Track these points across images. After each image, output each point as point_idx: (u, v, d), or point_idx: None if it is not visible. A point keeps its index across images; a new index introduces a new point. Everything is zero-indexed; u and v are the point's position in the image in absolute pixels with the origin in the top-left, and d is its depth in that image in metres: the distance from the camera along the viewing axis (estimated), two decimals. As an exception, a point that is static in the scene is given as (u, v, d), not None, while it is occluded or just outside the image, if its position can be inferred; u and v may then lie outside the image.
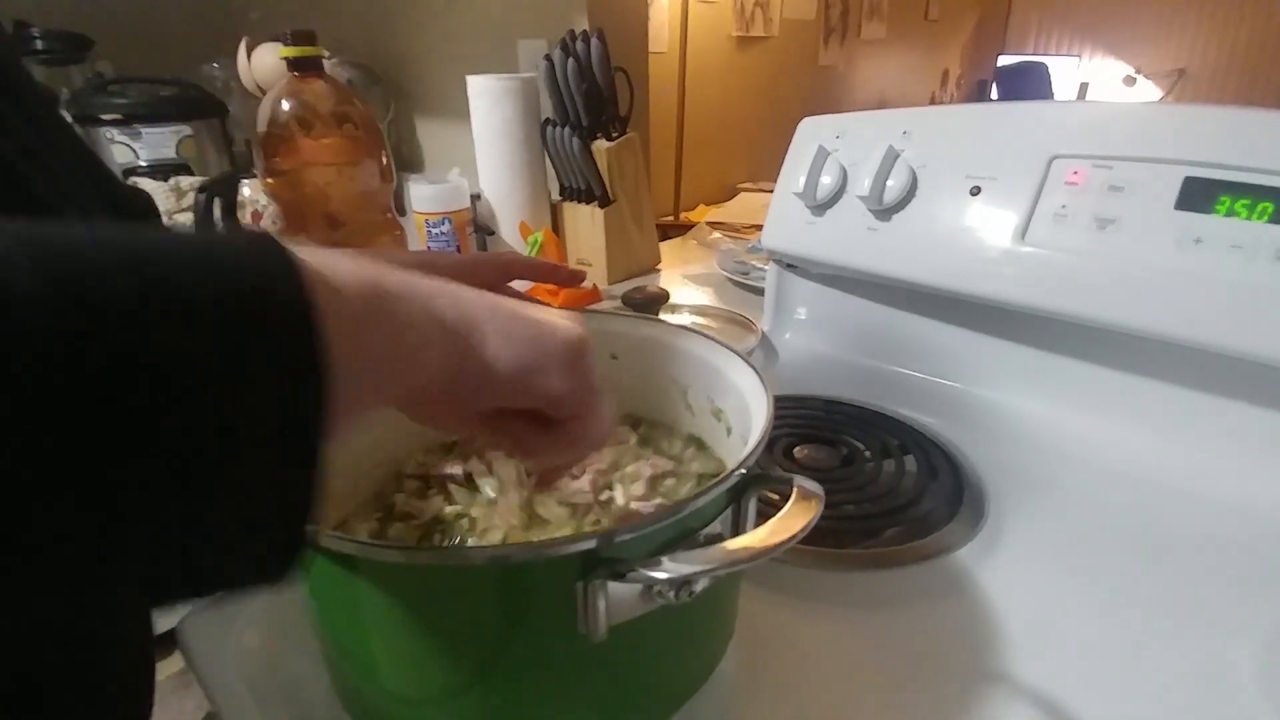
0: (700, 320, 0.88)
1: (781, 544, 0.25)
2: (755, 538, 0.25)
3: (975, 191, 0.62)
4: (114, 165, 1.34)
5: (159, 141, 1.36)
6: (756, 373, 0.38)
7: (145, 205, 0.56)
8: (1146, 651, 0.42)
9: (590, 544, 0.25)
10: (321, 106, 0.66)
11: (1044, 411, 0.65)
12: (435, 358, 0.24)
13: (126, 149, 1.35)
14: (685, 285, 1.08)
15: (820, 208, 0.71)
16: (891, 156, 0.66)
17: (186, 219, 0.89)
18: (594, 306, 0.96)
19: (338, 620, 0.31)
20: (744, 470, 0.29)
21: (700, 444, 0.47)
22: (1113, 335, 0.57)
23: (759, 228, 1.54)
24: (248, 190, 1.19)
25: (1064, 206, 0.58)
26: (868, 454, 0.59)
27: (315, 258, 0.19)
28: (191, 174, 1.32)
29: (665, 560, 0.25)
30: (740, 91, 2.46)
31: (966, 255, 0.62)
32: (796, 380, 0.75)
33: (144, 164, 1.34)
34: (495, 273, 0.50)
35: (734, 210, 1.68)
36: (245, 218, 1.32)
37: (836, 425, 0.64)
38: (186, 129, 1.37)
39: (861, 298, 0.77)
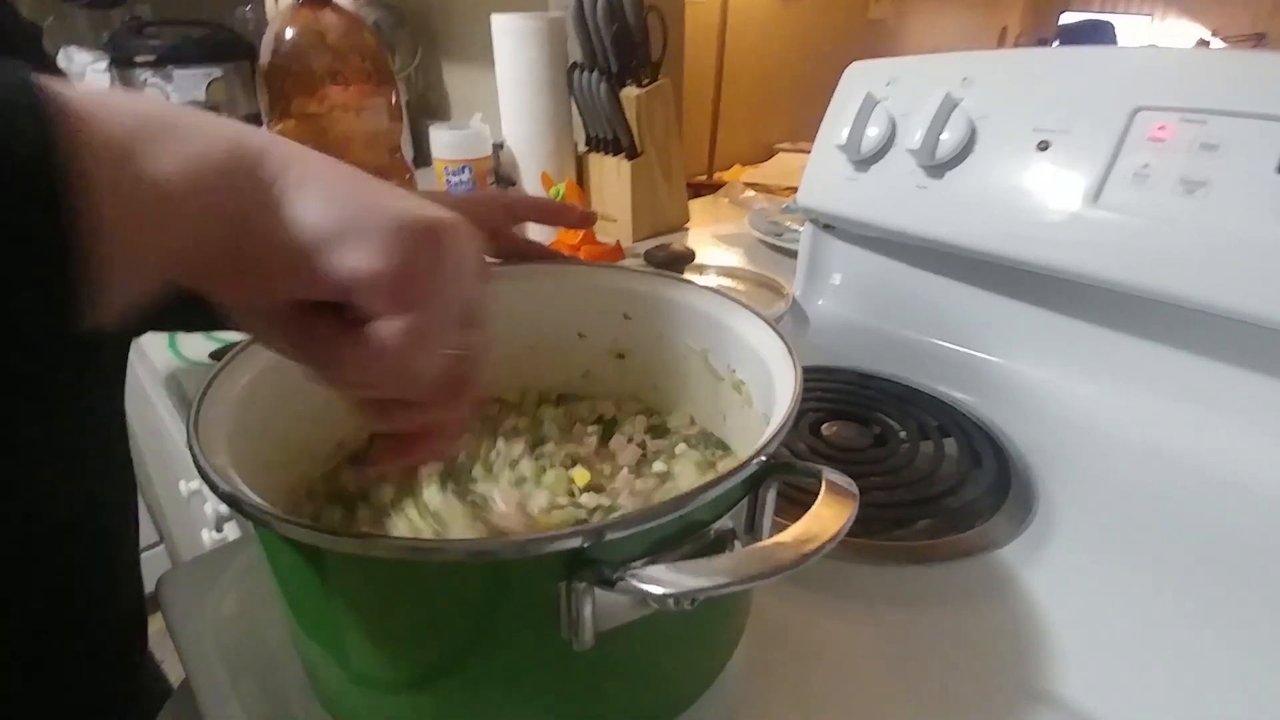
0: (727, 282, 0.83)
1: (807, 556, 0.20)
2: (773, 548, 0.20)
3: (1043, 147, 0.56)
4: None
5: (189, 84, 1.35)
6: (784, 342, 0.33)
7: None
8: (1211, 670, 0.37)
9: (574, 542, 0.21)
10: (330, 38, 0.62)
11: (1104, 396, 0.59)
12: (216, 204, 0.19)
13: (159, 91, 1.33)
14: (714, 245, 1.02)
15: (864, 162, 0.65)
16: (948, 106, 0.60)
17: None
18: (616, 264, 0.91)
19: (300, 605, 0.28)
20: (764, 457, 0.24)
21: (717, 417, 0.42)
22: (1186, 314, 0.50)
23: (795, 189, 1.47)
24: (268, 133, 1.16)
25: (1146, 166, 0.51)
26: (903, 434, 0.54)
27: (88, 94, 0.18)
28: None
29: (663, 570, 0.20)
30: (783, 45, 2.34)
31: (1029, 219, 0.55)
32: (828, 350, 0.69)
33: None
34: (499, 213, 0.45)
35: (771, 171, 1.61)
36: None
37: (869, 401, 0.58)
38: (217, 71, 1.36)
39: (904, 263, 0.71)
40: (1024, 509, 0.48)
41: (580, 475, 0.37)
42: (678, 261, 0.75)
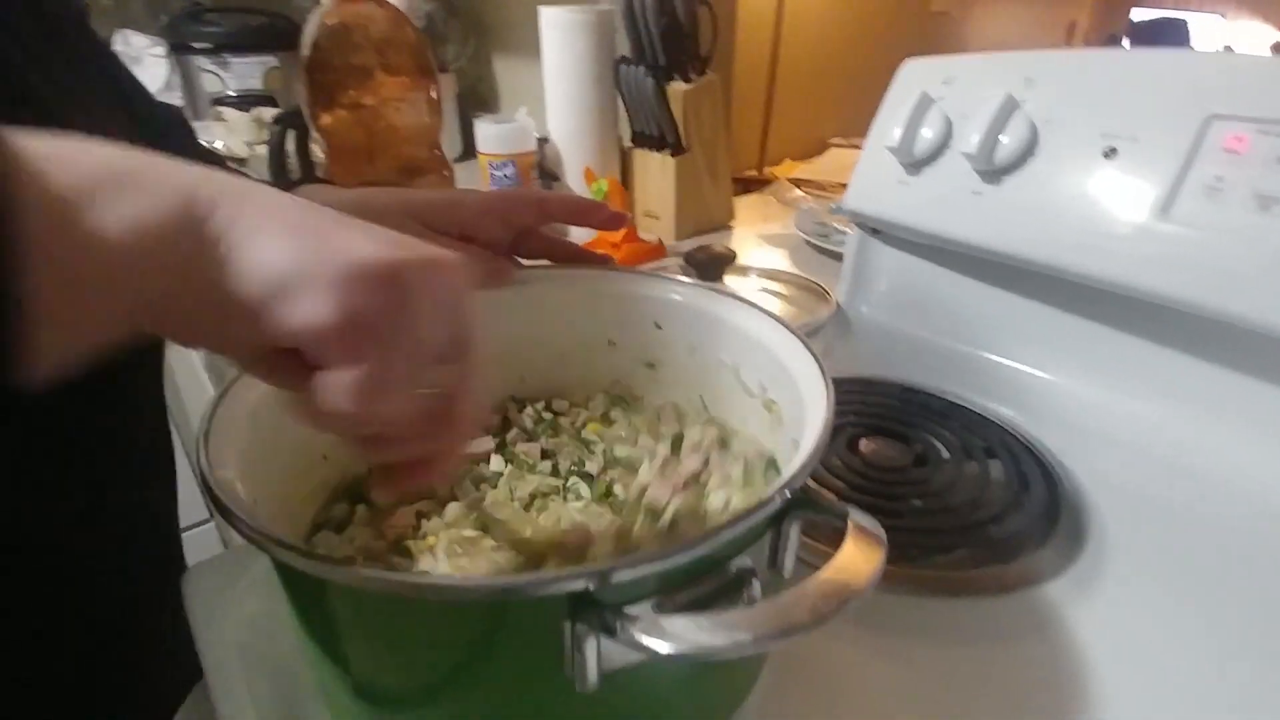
0: (769, 285, 0.81)
1: (827, 615, 0.18)
2: (792, 605, 0.19)
3: (1110, 154, 0.52)
4: (204, 95, 1.35)
5: (246, 72, 1.37)
6: (819, 364, 0.31)
7: (172, 118, 0.54)
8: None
9: (579, 584, 0.20)
10: (372, 33, 0.61)
11: (1166, 420, 0.55)
12: (163, 263, 0.19)
13: (215, 78, 1.35)
14: (758, 246, 1.00)
15: (916, 165, 0.62)
16: (1009, 108, 0.56)
17: (263, 150, 0.88)
18: (655, 264, 0.90)
19: (303, 621, 0.27)
20: (788, 493, 0.23)
21: (729, 434, 0.40)
22: (1257, 337, 0.47)
23: (847, 186, 1.43)
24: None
25: (1219, 178, 0.47)
26: (946, 454, 0.52)
27: (42, 146, 0.17)
28: (275, 105, 1.32)
29: (671, 623, 0.19)
30: (841, 36, 2.28)
31: (1092, 230, 0.52)
32: (870, 360, 0.67)
33: (231, 94, 1.35)
34: (529, 210, 0.44)
35: (823, 167, 1.57)
36: (318, 151, 1.32)
37: (911, 416, 0.56)
38: (273, 60, 1.37)
39: (954, 271, 0.67)
40: (1074, 541, 0.46)
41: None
42: (718, 263, 0.73)
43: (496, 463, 0.40)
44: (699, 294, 0.40)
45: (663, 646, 0.18)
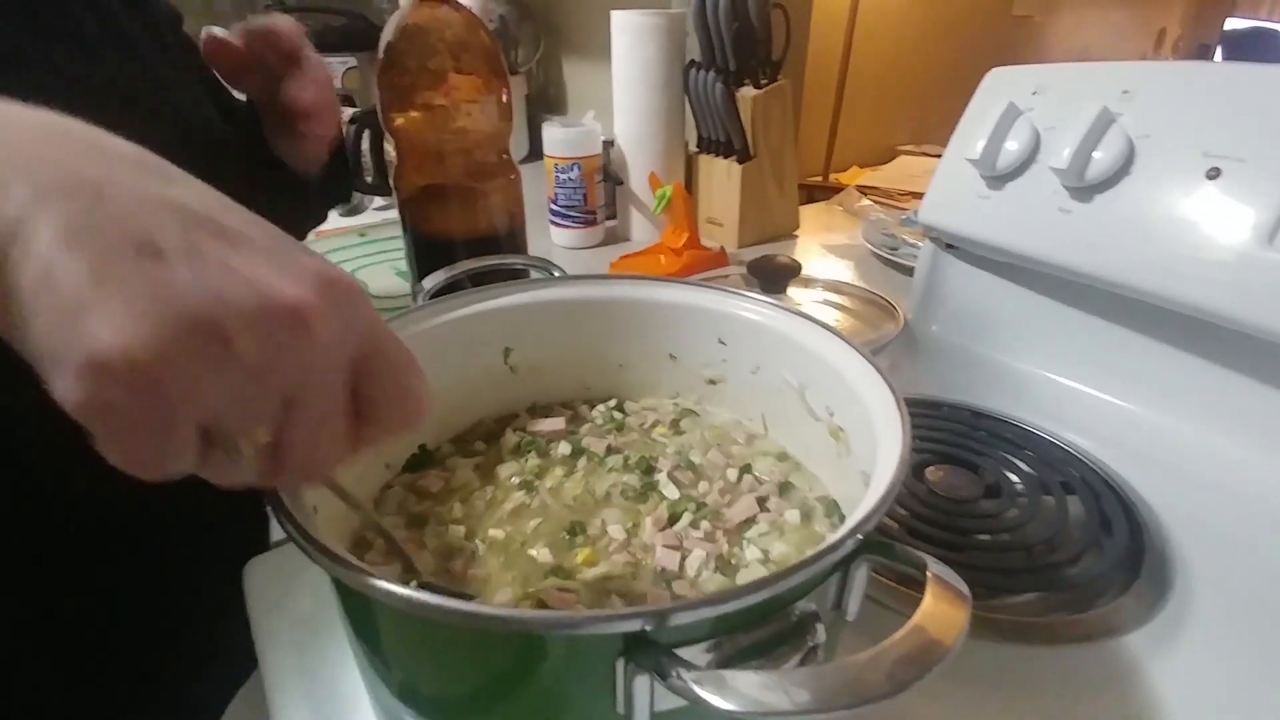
0: (833, 298, 0.78)
1: (909, 681, 0.17)
2: (867, 668, 0.17)
3: (1213, 174, 0.48)
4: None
5: (326, 71, 1.40)
6: (893, 392, 0.29)
7: (251, 113, 0.56)
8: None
9: (635, 625, 0.19)
10: (446, 37, 0.62)
11: (1259, 461, 0.51)
12: None
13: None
14: (823, 256, 0.97)
15: (999, 179, 0.59)
16: (1105, 121, 0.53)
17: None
18: (717, 272, 0.88)
19: (357, 632, 0.27)
20: (860, 537, 0.21)
21: (811, 462, 0.39)
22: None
23: (916, 196, 1.38)
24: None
25: (1340, 205, 0.43)
26: (1019, 486, 0.49)
27: None
28: (354, 105, 1.35)
29: (735, 677, 0.18)
30: (916, 40, 2.22)
31: (1190, 256, 0.48)
32: (938, 381, 0.64)
33: (311, 92, 1.38)
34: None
35: (890, 175, 1.53)
36: (392, 151, 1.35)
37: (983, 444, 0.53)
38: (352, 60, 1.40)
39: (1032, 290, 0.64)
40: (1158, 589, 0.42)
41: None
42: (783, 274, 0.71)
43: (564, 448, 0.40)
44: (766, 310, 0.39)
45: (721, 702, 0.17)
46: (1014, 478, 0.49)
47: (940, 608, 0.19)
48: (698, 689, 0.18)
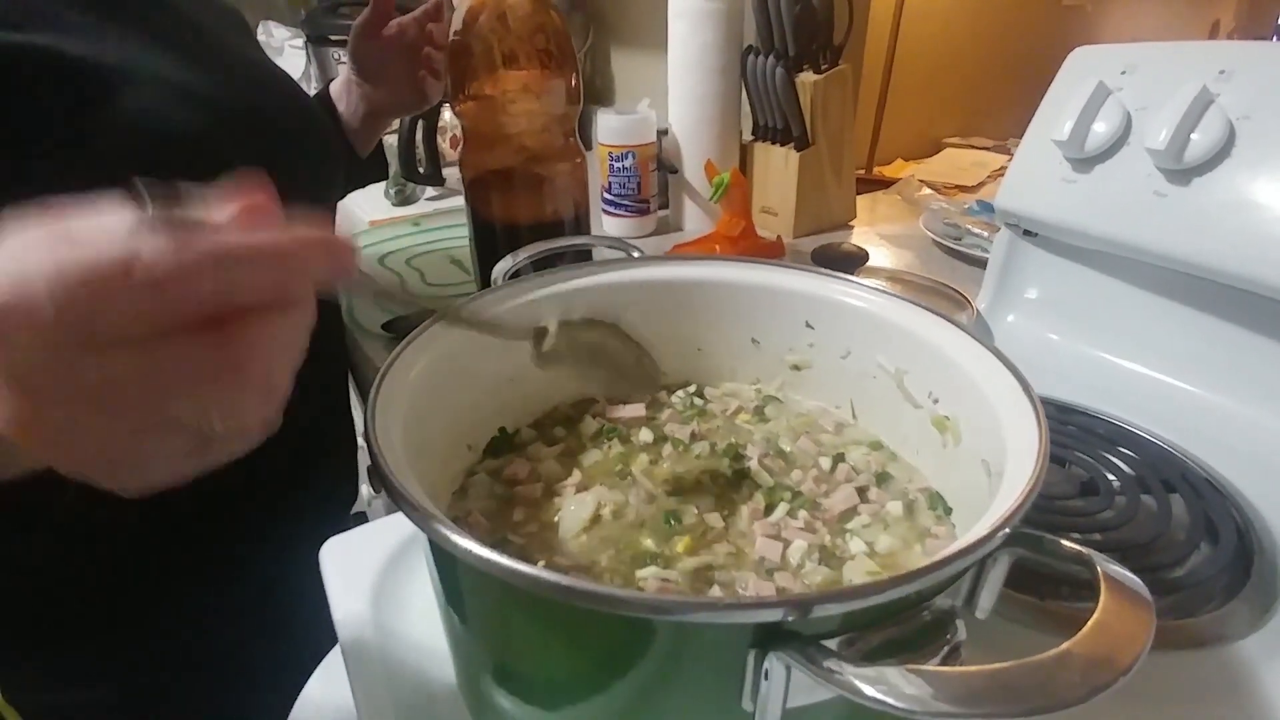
0: (897, 288, 0.76)
1: (1093, 692, 0.15)
2: (1051, 670, 0.16)
3: (1328, 155, 0.46)
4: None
5: (379, 63, 1.42)
6: (1018, 377, 0.27)
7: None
8: None
9: (774, 614, 0.18)
10: (515, 19, 0.61)
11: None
12: None
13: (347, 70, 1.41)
14: (881, 245, 0.95)
15: (1087, 162, 0.56)
16: (1203, 101, 0.50)
17: (392, 140, 0.90)
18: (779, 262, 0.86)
19: (459, 609, 0.27)
20: (1008, 529, 0.20)
21: (908, 450, 0.37)
22: None
23: (964, 189, 1.34)
24: (448, 115, 1.19)
25: None
26: (1116, 484, 0.46)
27: None
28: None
29: (897, 674, 0.16)
30: (963, 29, 2.15)
31: (1303, 242, 0.46)
32: (1017, 374, 0.61)
33: (365, 85, 1.40)
34: None
35: (937, 168, 1.48)
36: (444, 142, 1.35)
37: (1071, 440, 0.51)
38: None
39: (1119, 279, 0.61)
40: (1267, 595, 0.40)
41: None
42: (849, 262, 0.69)
43: (646, 434, 0.40)
44: (864, 293, 0.37)
45: (874, 689, 0.16)
46: (1110, 475, 0.47)
47: (1122, 608, 0.17)
48: (852, 678, 0.16)
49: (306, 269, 0.20)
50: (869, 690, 0.16)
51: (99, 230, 0.18)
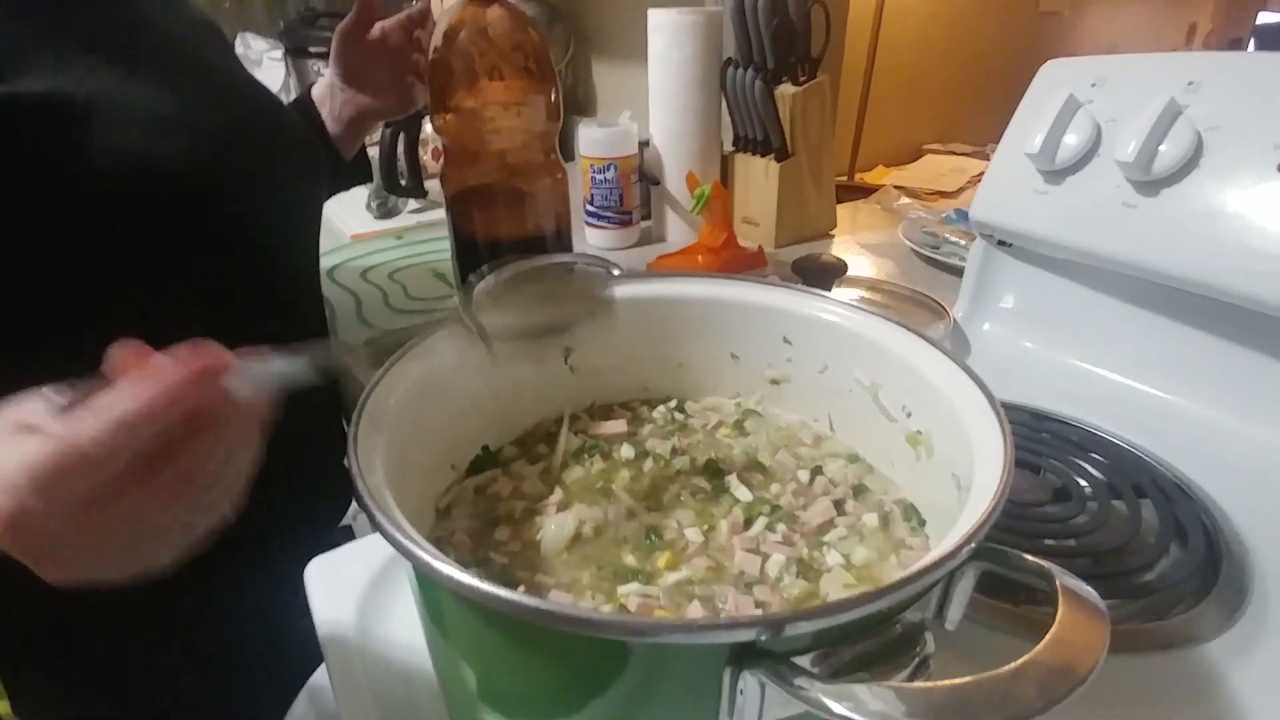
0: (875, 298, 0.77)
1: (1050, 702, 0.16)
2: (1007, 683, 0.17)
3: (1288, 167, 0.47)
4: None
5: (357, 75, 1.41)
6: (984, 392, 0.28)
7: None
8: None
9: (748, 634, 0.18)
10: (495, 36, 0.61)
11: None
12: None
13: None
14: (860, 254, 0.96)
15: (1058, 174, 0.58)
16: (1171, 113, 0.52)
17: (373, 152, 0.90)
18: (756, 273, 0.87)
19: (446, 636, 0.27)
20: (974, 544, 0.21)
21: (884, 463, 0.38)
22: None
23: (944, 194, 1.36)
24: (430, 127, 1.20)
25: None
26: (1088, 490, 0.47)
27: None
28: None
29: (865, 690, 0.17)
30: (942, 39, 2.19)
31: (1261, 252, 0.47)
32: (993, 383, 0.62)
33: (343, 97, 1.39)
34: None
35: (917, 174, 1.51)
36: (426, 154, 1.35)
37: (1045, 447, 0.52)
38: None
39: (1091, 288, 0.62)
40: (1236, 597, 0.41)
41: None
42: (829, 273, 0.70)
43: (627, 450, 0.40)
44: (839, 309, 0.38)
45: (844, 709, 0.16)
46: (1082, 481, 0.48)
47: (1078, 620, 0.18)
48: (822, 695, 0.17)
49: (191, 403, 0.24)
50: (837, 707, 0.17)
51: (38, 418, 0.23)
